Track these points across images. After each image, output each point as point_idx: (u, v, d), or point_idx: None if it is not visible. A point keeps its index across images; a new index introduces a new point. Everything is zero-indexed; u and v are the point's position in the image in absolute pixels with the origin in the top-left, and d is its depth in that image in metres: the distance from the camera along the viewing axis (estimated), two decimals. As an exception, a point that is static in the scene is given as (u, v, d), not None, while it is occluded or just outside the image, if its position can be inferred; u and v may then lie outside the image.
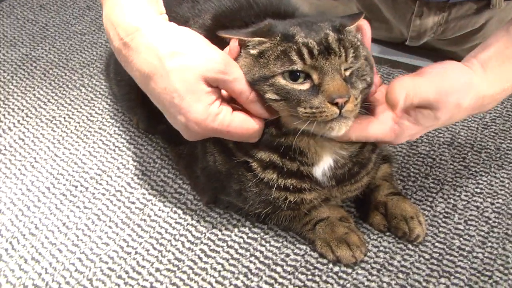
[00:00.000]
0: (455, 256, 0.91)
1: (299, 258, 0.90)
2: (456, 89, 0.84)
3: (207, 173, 0.93)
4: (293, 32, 0.76)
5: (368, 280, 0.87)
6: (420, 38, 1.33)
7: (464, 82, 0.85)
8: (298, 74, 0.75)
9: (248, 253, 0.91)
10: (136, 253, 0.91)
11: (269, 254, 0.91)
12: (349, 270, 0.88)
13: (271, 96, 0.76)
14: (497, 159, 1.08)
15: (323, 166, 0.86)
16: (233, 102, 0.80)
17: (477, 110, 0.89)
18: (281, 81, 0.75)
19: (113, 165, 1.07)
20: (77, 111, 1.20)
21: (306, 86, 0.75)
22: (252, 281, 0.87)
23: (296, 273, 0.88)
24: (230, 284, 0.86)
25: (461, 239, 0.93)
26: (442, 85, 0.83)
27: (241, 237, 0.93)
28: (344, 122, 0.76)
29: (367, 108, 0.82)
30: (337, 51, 0.75)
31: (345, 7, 1.39)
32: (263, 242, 0.93)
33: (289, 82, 0.75)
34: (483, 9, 1.25)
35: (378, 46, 1.41)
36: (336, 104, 0.73)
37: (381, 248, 0.92)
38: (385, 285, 0.87)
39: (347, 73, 0.77)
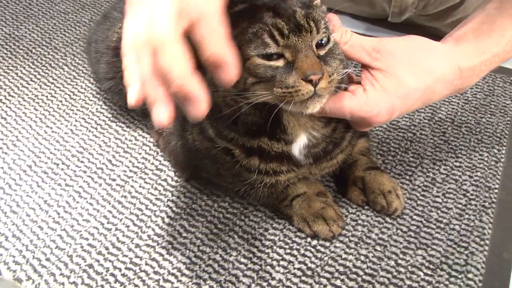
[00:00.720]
0: (432, 228, 0.92)
1: (277, 232, 0.91)
2: (402, 48, 0.84)
3: (186, 151, 0.94)
4: (260, 13, 0.76)
5: (345, 253, 0.88)
6: (402, 14, 1.32)
7: (426, 47, 0.85)
8: (272, 55, 0.74)
9: (227, 228, 0.92)
10: (116, 229, 0.92)
11: (248, 229, 0.91)
12: (327, 244, 0.89)
13: (250, 81, 0.76)
14: (477, 133, 1.09)
15: (300, 143, 0.86)
16: None
17: (459, 85, 0.87)
18: (257, 60, 0.75)
19: (95, 143, 1.07)
20: (60, 90, 1.20)
21: (280, 63, 0.75)
22: (230, 255, 0.88)
23: (275, 247, 0.89)
24: (209, 258, 0.87)
25: (439, 211, 0.94)
26: (387, 41, 0.84)
27: (220, 212, 0.94)
28: (318, 101, 0.76)
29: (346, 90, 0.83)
30: (307, 26, 0.74)
31: None
32: (242, 217, 0.93)
33: (264, 60, 0.75)
34: None
35: (361, 23, 1.41)
36: (310, 82, 0.73)
37: (359, 222, 0.92)
38: (362, 257, 0.88)
39: (321, 52, 0.77)
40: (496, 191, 0.98)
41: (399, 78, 0.82)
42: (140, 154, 1.05)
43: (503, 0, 0.89)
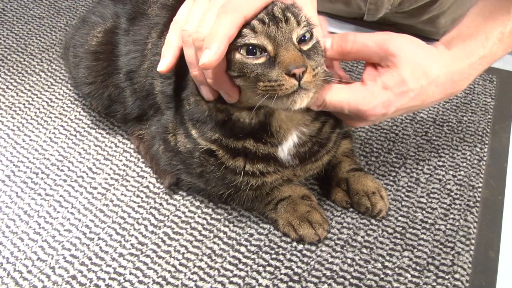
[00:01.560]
0: (418, 229, 0.91)
1: (262, 237, 0.90)
2: (410, 48, 0.84)
3: (168, 155, 0.93)
4: None
5: (332, 256, 0.88)
6: (378, 11, 1.33)
7: (424, 50, 0.85)
8: (254, 49, 0.74)
9: (211, 234, 0.91)
10: (99, 238, 0.90)
11: (233, 235, 0.90)
12: (313, 248, 0.89)
13: (231, 73, 0.75)
14: (459, 132, 1.09)
15: (289, 143, 0.85)
16: None
17: (450, 89, 0.88)
18: (237, 55, 0.74)
19: (75, 151, 1.06)
20: (37, 97, 1.18)
21: (262, 59, 0.74)
22: (216, 262, 0.87)
23: (260, 253, 0.88)
24: (194, 266, 0.86)
25: (423, 212, 0.94)
26: (388, 38, 0.84)
27: (204, 218, 0.93)
28: (306, 94, 0.74)
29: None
30: (283, 18, 0.74)
31: None
32: (226, 223, 0.92)
33: (244, 57, 0.74)
34: None
35: (337, 22, 1.41)
36: (293, 76, 0.72)
37: (345, 225, 0.92)
38: (349, 260, 0.87)
39: (305, 47, 0.76)
40: (480, 189, 0.98)
41: (403, 77, 0.83)
42: (121, 161, 1.03)
43: (484, 5, 0.91)
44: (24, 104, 1.16)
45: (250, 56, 0.74)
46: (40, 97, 1.18)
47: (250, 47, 0.73)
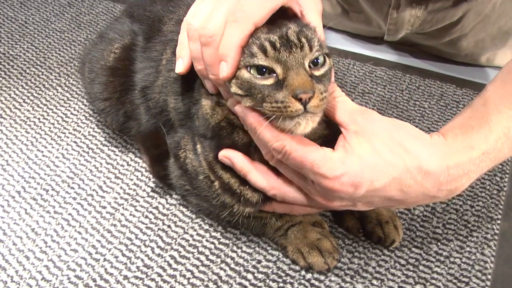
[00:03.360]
0: (431, 262, 0.88)
1: (271, 264, 0.88)
2: (395, 125, 0.78)
3: (177, 172, 0.92)
4: (256, 32, 0.75)
5: (341, 287, 0.85)
6: (398, 32, 1.31)
7: (414, 133, 0.78)
8: (263, 69, 0.73)
9: (219, 260, 0.89)
10: (104, 260, 0.89)
11: (240, 261, 0.88)
12: (322, 277, 0.86)
13: (236, 90, 0.75)
14: (479, 160, 1.06)
15: None
16: None
17: (446, 184, 0.77)
18: (245, 74, 0.73)
19: (86, 168, 1.05)
20: (52, 112, 1.18)
21: (270, 81, 0.73)
22: (221, 289, 0.85)
23: (268, 281, 0.86)
24: (199, 292, 0.85)
25: (438, 243, 0.91)
26: (375, 112, 0.79)
27: (212, 242, 0.91)
28: (311, 118, 0.72)
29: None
30: (298, 43, 0.73)
31: (324, 0, 1.38)
32: (234, 248, 0.90)
33: (253, 76, 0.73)
34: (460, 2, 1.23)
35: (358, 41, 1.40)
36: (300, 100, 0.70)
37: (356, 254, 0.89)
38: (358, 292, 0.85)
39: (317, 73, 0.74)
40: (499, 221, 0.95)
41: (374, 146, 0.75)
42: (131, 180, 1.02)
43: (490, 96, 0.84)
44: (39, 118, 1.16)
45: (259, 76, 0.73)
46: (55, 112, 1.18)
47: (260, 67, 0.73)
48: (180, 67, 0.84)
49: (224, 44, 0.74)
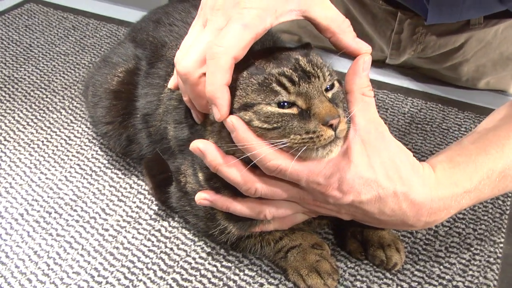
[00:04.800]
0: (434, 285, 0.88)
1: (273, 288, 0.88)
2: (395, 146, 0.79)
3: (177, 194, 0.93)
4: (259, 65, 0.75)
5: (343, 310, 0.85)
6: (400, 56, 1.32)
7: (412, 160, 0.80)
8: (283, 104, 0.73)
9: (221, 283, 0.88)
10: (107, 282, 0.89)
11: (243, 284, 0.88)
12: (324, 300, 0.86)
13: (258, 124, 0.73)
14: (481, 183, 1.06)
15: None
16: None
17: (426, 216, 0.80)
18: (268, 108, 0.73)
19: (89, 191, 1.05)
20: (56, 135, 1.18)
21: (294, 110, 0.73)
22: (223, 313, 0.85)
23: (270, 304, 0.86)
24: (201, 315, 0.84)
25: (441, 267, 0.91)
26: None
27: (214, 265, 0.91)
28: (339, 142, 0.74)
29: None
30: (314, 73, 0.74)
31: None
32: (237, 271, 0.90)
33: (276, 107, 0.73)
34: (462, 28, 1.24)
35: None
36: (331, 126, 0.72)
37: (358, 277, 0.89)
38: (361, 316, 0.84)
39: (329, 95, 0.75)
40: (502, 245, 0.95)
41: (372, 162, 0.76)
42: (134, 202, 1.02)
43: (480, 137, 0.86)
44: (42, 141, 1.17)
45: (280, 110, 0.73)
46: (59, 134, 1.19)
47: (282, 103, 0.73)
48: (171, 83, 0.85)
49: (208, 86, 0.72)
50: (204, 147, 0.77)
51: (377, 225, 0.85)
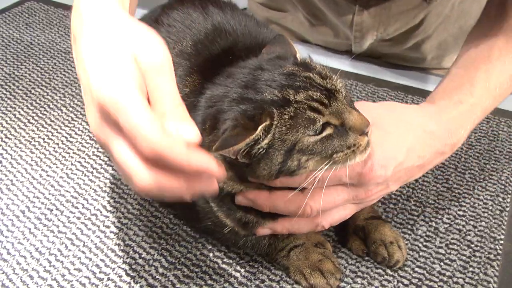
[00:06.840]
0: (434, 282, 0.88)
1: (274, 284, 0.88)
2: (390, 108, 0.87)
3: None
4: (282, 96, 0.72)
5: (344, 307, 0.85)
6: (364, 39, 1.34)
7: (404, 107, 0.90)
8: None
9: (222, 279, 0.89)
10: (108, 279, 0.89)
11: (244, 280, 0.88)
12: (325, 297, 0.86)
13: (305, 164, 0.74)
14: (481, 180, 1.06)
15: None
16: None
17: (448, 138, 0.88)
18: (308, 139, 0.72)
19: (90, 188, 1.05)
20: (57, 132, 1.19)
21: (330, 130, 0.74)
22: (225, 309, 0.85)
23: (271, 300, 0.86)
24: (203, 312, 0.85)
25: (441, 263, 0.91)
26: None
27: (216, 262, 0.91)
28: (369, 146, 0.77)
29: None
30: (334, 87, 0.74)
31: (293, 17, 1.44)
32: (238, 268, 0.90)
33: (316, 135, 0.73)
34: (421, 4, 1.27)
35: (330, 54, 1.43)
36: (366, 134, 0.74)
37: (359, 274, 0.89)
38: (362, 312, 0.84)
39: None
40: (502, 242, 0.95)
41: (384, 130, 0.82)
42: (135, 199, 1.03)
43: (465, 59, 0.94)
44: (43, 138, 1.17)
45: (318, 135, 0.73)
46: (60, 132, 1.19)
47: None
48: None
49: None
50: (253, 196, 0.81)
51: (421, 173, 0.88)
